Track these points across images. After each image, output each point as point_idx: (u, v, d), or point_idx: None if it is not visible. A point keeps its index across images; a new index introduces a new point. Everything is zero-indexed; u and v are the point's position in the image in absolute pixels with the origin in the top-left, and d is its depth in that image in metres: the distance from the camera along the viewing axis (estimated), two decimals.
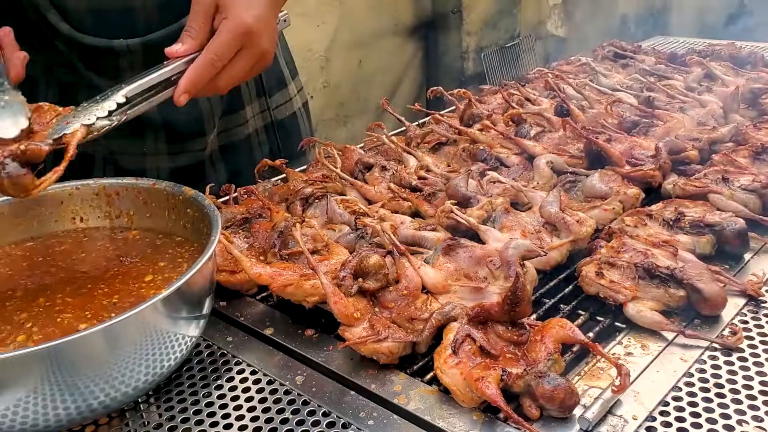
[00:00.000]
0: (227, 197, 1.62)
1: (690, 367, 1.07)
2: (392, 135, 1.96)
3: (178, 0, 1.60)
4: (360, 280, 1.20)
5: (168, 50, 1.27)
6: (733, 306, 1.21)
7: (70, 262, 1.29)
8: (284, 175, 1.78)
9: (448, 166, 1.76)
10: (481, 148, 1.74)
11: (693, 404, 1.00)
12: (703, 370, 1.07)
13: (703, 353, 1.10)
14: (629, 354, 1.11)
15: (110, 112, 1.15)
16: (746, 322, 1.18)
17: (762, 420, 0.96)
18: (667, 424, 0.97)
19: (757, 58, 2.34)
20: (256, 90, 1.92)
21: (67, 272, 1.25)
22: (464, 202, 1.50)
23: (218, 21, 1.31)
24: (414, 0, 4.77)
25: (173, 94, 1.26)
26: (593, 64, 2.39)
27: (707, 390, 1.03)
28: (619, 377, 0.99)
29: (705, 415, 0.98)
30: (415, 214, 1.54)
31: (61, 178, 1.10)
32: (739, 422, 0.96)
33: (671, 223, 1.39)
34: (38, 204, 1.35)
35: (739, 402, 1.00)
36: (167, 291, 0.99)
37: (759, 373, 1.05)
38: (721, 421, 0.97)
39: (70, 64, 1.65)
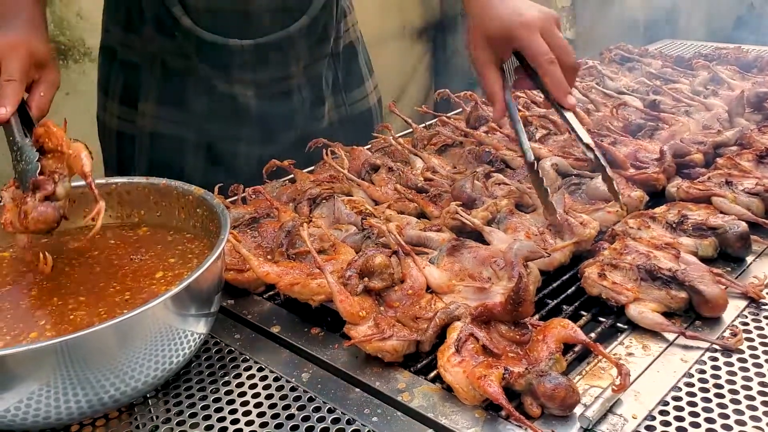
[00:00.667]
0: (236, 197, 1.65)
1: (690, 368, 1.09)
2: (399, 136, 1.99)
3: (289, 8, 1.80)
4: (365, 279, 1.22)
5: None
6: (734, 308, 1.23)
7: (84, 259, 1.31)
8: (292, 176, 1.80)
9: (454, 167, 1.78)
10: (487, 150, 1.76)
11: (692, 404, 1.02)
12: (703, 371, 1.08)
13: (703, 354, 1.12)
14: (630, 354, 1.13)
15: None
16: (746, 324, 1.19)
17: (760, 420, 0.98)
18: (666, 423, 0.98)
19: (763, 62, 2.35)
20: (333, 87, 2.06)
21: (81, 270, 1.27)
22: (469, 204, 1.52)
23: None
24: (422, 2, 4.79)
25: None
26: (600, 67, 2.40)
27: (707, 390, 1.04)
28: (619, 377, 1.01)
29: (704, 414, 0.99)
30: (421, 215, 1.56)
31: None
32: (738, 422, 0.98)
33: (674, 225, 1.40)
34: None
35: (737, 402, 1.01)
36: (176, 289, 1.01)
37: (758, 374, 1.07)
38: (720, 421, 0.98)
39: (185, 54, 1.79)
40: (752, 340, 1.15)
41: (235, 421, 1.05)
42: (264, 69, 1.84)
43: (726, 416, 0.99)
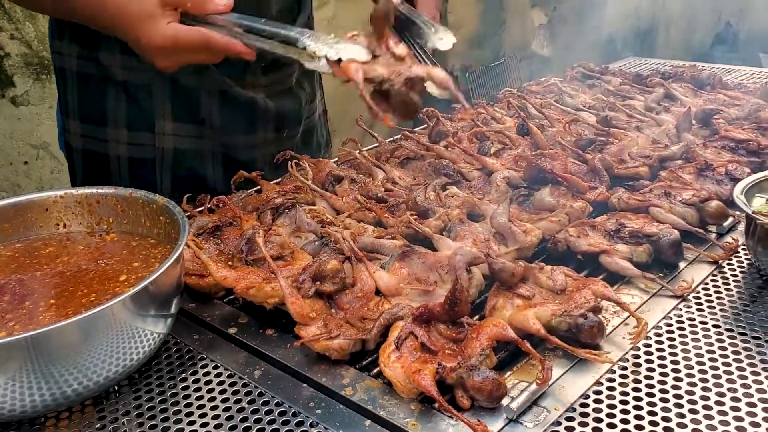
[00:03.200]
0: (203, 207, 1.73)
1: (613, 365, 1.18)
2: (368, 150, 2.08)
3: (290, 8, 1.97)
4: (318, 283, 1.30)
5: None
6: (660, 310, 1.32)
7: (55, 265, 1.38)
8: (259, 187, 1.88)
9: (414, 179, 1.87)
10: (445, 163, 1.85)
11: (611, 397, 1.10)
12: (624, 368, 1.17)
13: (626, 353, 1.20)
14: (560, 352, 1.21)
15: None
16: (670, 325, 1.28)
17: (669, 411, 1.06)
18: (585, 415, 1.07)
19: (715, 80, 2.46)
20: (319, 80, 2.25)
21: (51, 274, 1.35)
22: (423, 214, 1.60)
23: None
24: None
25: None
26: (560, 84, 2.50)
27: (626, 386, 1.13)
28: (542, 371, 1.09)
29: (620, 406, 1.08)
30: (379, 224, 1.65)
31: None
32: (650, 413, 1.06)
33: (612, 233, 1.49)
34: (25, 210, 1.45)
35: (651, 396, 1.10)
36: (134, 289, 1.09)
37: (674, 371, 1.15)
38: (634, 412, 1.07)
39: (200, 67, 1.84)
40: (673, 339, 1.24)
41: (189, 414, 1.13)
42: (275, 69, 1.97)
43: (640, 407, 1.08)
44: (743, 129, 2.01)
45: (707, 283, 1.42)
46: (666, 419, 1.05)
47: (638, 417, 1.06)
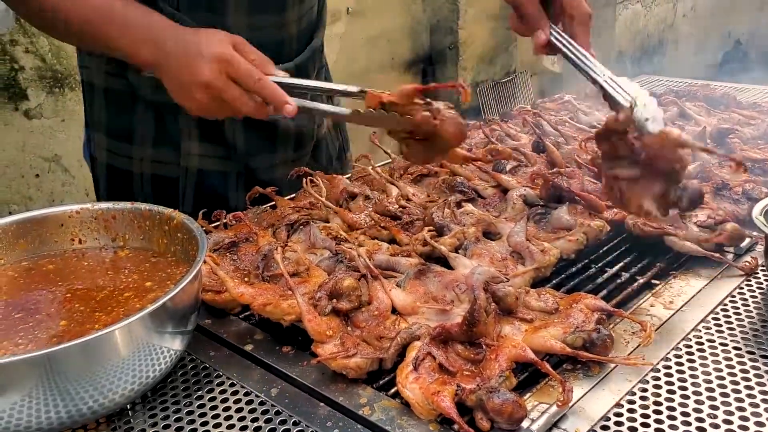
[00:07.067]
0: (219, 222, 1.73)
1: (633, 386, 1.16)
2: (380, 166, 2.08)
3: (307, 29, 2.01)
4: (334, 300, 1.29)
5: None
6: (679, 331, 1.31)
7: (69, 280, 1.38)
8: (274, 203, 1.88)
9: (428, 196, 1.86)
10: (459, 180, 1.85)
11: (632, 419, 1.09)
12: (645, 389, 1.16)
13: (646, 374, 1.19)
14: (579, 373, 1.20)
15: None
16: (690, 346, 1.27)
17: None
18: None
19: (729, 98, 2.46)
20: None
21: (67, 290, 1.34)
22: (440, 231, 1.60)
23: None
24: (412, 35, 4.92)
25: None
26: (575, 102, 2.50)
27: (646, 407, 1.12)
28: (563, 393, 1.08)
29: (641, 429, 1.07)
30: (393, 241, 1.64)
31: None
32: None
33: None
34: (40, 225, 1.45)
35: (673, 418, 1.09)
36: (153, 306, 1.09)
37: (695, 392, 1.14)
38: None
39: None
40: (693, 361, 1.22)
41: None
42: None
43: (661, 430, 1.06)
44: (759, 148, 2.00)
45: (726, 304, 1.40)
46: None
47: None
